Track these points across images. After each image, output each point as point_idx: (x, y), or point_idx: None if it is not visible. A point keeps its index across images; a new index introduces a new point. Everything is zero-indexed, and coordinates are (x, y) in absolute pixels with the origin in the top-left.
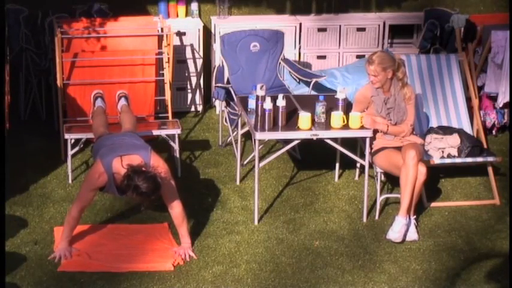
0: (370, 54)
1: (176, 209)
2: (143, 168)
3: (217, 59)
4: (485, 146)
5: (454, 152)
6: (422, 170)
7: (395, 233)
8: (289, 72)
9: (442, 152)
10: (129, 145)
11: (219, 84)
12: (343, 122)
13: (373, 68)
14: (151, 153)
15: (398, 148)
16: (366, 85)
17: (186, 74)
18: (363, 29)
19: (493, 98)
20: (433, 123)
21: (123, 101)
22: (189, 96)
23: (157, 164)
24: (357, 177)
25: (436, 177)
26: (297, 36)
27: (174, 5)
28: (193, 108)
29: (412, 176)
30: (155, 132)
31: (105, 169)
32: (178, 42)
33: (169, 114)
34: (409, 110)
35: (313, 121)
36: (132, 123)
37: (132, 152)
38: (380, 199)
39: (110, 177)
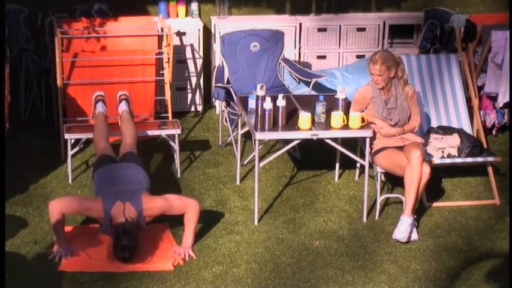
0: (371, 54)
1: (187, 213)
2: (125, 231)
3: (217, 59)
4: (485, 146)
5: (454, 152)
6: (427, 170)
7: (401, 232)
8: (289, 72)
9: (442, 152)
10: (127, 187)
11: (219, 84)
12: (343, 122)
13: (378, 68)
14: (144, 197)
15: (399, 148)
16: (366, 85)
17: (186, 74)
18: (363, 29)
19: (493, 98)
20: (433, 123)
21: (124, 106)
22: (189, 96)
23: (150, 206)
24: (357, 177)
25: (436, 177)
26: (297, 36)
27: (174, 5)
28: (193, 108)
29: (417, 175)
30: (155, 132)
31: (104, 210)
32: (178, 42)
33: (169, 114)
34: (413, 107)
35: (313, 121)
36: (132, 137)
37: (126, 200)
38: (380, 199)
39: (106, 219)
